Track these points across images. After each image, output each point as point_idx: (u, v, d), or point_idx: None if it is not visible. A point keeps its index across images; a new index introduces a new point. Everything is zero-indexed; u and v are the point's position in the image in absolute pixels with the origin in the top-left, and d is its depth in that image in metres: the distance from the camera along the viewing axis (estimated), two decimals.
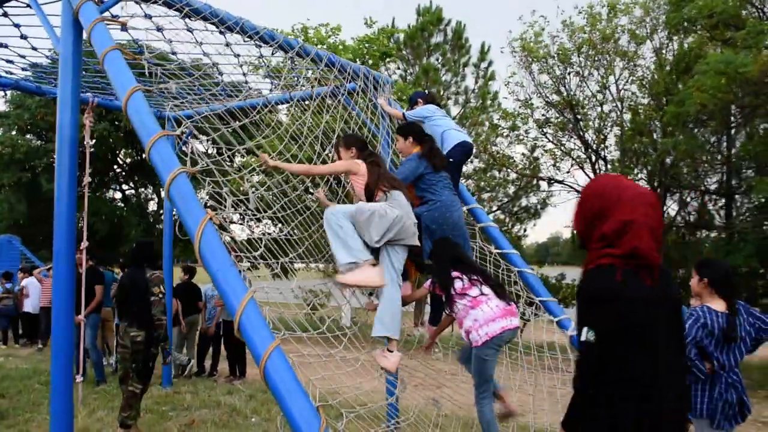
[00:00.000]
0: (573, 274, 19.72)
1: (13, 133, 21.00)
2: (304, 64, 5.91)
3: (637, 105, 14.12)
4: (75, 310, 6.93)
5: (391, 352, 3.99)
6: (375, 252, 4.01)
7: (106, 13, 4.21)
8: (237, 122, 5.02)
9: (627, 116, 14.45)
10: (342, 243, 3.90)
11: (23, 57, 5.97)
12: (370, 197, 4.17)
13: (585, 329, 2.05)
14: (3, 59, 6.09)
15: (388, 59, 17.79)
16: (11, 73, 6.62)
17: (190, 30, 5.12)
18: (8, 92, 21.64)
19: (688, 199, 15.94)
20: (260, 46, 5.49)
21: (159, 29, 4.98)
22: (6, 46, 5.62)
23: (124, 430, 5.92)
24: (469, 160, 5.46)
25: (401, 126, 5.36)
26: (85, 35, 3.92)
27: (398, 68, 20.55)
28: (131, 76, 3.60)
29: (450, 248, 4.45)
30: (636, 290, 2.00)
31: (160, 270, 6.27)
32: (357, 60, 15.77)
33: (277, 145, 5.89)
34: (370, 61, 16.52)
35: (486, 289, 4.24)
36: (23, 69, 6.50)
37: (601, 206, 2.13)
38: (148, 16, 4.76)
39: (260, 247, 3.99)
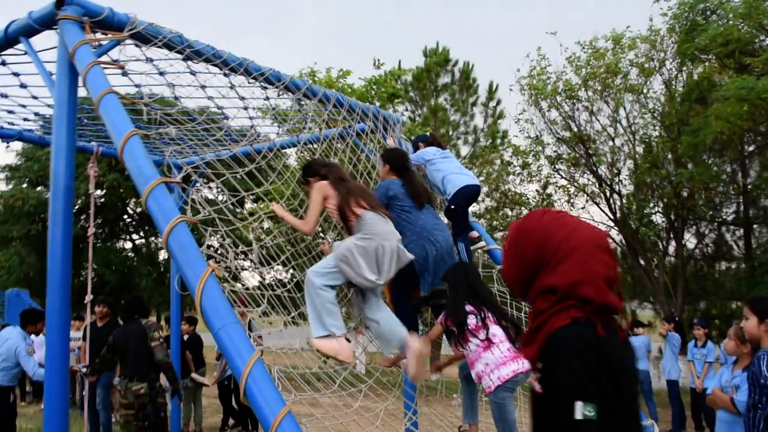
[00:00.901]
0: None
1: (24, 185, 21.08)
2: (311, 106, 5.72)
3: (650, 138, 13.91)
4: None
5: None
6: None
7: (105, 57, 4.03)
8: (243, 169, 4.81)
9: (640, 149, 14.22)
10: (317, 314, 3.64)
11: (24, 107, 5.82)
12: (344, 219, 3.90)
13: (579, 405, 1.51)
14: (4, 110, 5.95)
15: (396, 100, 17.77)
16: (14, 124, 6.48)
17: (192, 73, 4.95)
18: (20, 145, 21.85)
19: (706, 231, 15.62)
20: (266, 88, 5.32)
21: (161, 73, 4.81)
22: (6, 96, 5.47)
23: None
24: (475, 201, 5.21)
25: (385, 152, 5.13)
26: (80, 80, 3.73)
27: (406, 109, 20.56)
28: (128, 120, 3.39)
29: (466, 276, 4.12)
30: (617, 345, 1.61)
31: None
32: (364, 102, 15.76)
33: (284, 191, 5.66)
34: (378, 103, 16.49)
35: (496, 330, 3.92)
36: (25, 119, 6.35)
37: (545, 252, 1.69)
38: (149, 60, 4.58)
39: (269, 296, 3.74)
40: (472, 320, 3.89)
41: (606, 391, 1.52)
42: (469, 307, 3.93)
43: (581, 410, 1.51)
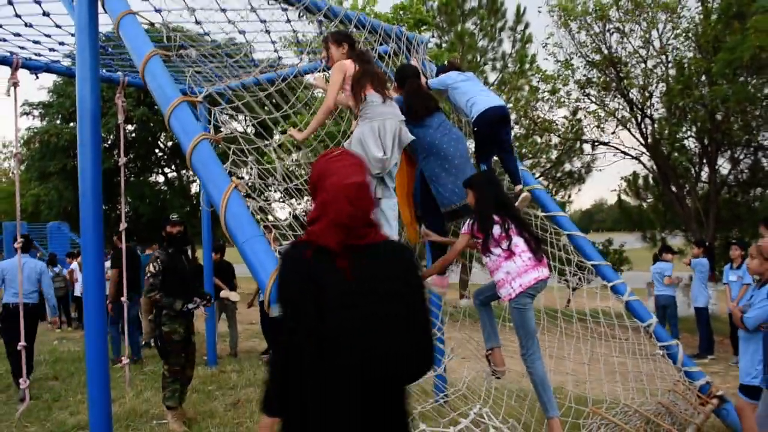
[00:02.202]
0: (620, 240, 19.21)
1: (57, 121, 21.42)
2: (331, 27, 5.64)
3: (682, 59, 13.38)
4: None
5: None
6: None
7: None
8: (265, 92, 4.82)
9: (672, 71, 13.71)
10: None
11: (48, 36, 5.86)
12: (355, 98, 3.98)
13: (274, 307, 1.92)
14: (30, 40, 6.00)
15: (423, 27, 17.36)
16: (40, 55, 6.55)
17: None
18: (51, 83, 22.06)
19: (741, 156, 15.18)
20: (286, 10, 5.26)
21: None
22: (31, 26, 5.51)
23: (169, 411, 5.88)
24: (504, 124, 5.07)
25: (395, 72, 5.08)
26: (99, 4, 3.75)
27: (433, 36, 20.10)
28: (148, 40, 3.43)
29: (494, 188, 4.17)
30: (320, 267, 1.89)
31: (160, 248, 6.13)
32: None
33: (306, 117, 5.67)
34: (406, 29, 16.14)
35: (518, 240, 3.98)
36: (51, 50, 6.41)
37: (311, 187, 2.07)
38: None
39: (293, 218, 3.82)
40: (497, 230, 3.95)
41: (298, 295, 1.81)
42: (495, 217, 3.98)
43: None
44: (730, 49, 10.38)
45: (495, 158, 5.46)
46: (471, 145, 5.25)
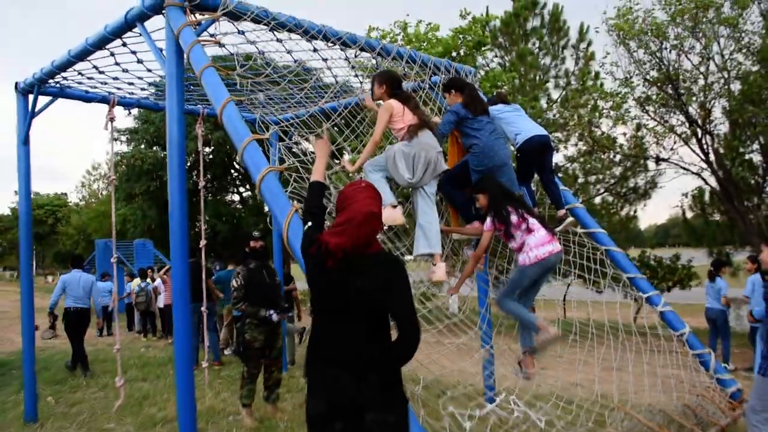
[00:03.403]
0: (687, 255, 18.89)
1: (142, 146, 23.01)
2: (385, 64, 6.27)
3: (746, 73, 13.27)
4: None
5: (435, 265, 4.61)
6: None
7: (204, 34, 4.77)
8: (330, 121, 5.47)
9: (734, 86, 13.61)
10: None
11: (141, 79, 6.75)
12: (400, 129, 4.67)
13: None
14: (126, 82, 6.90)
15: (483, 48, 17.79)
16: (133, 94, 7.47)
17: (279, 41, 5.62)
18: (136, 111, 23.73)
19: None
20: (344, 50, 5.92)
21: (251, 43, 5.51)
22: (127, 71, 6.39)
23: (244, 408, 6.58)
24: (546, 151, 5.61)
25: (443, 84, 5.69)
26: (185, 57, 4.49)
27: (495, 56, 20.49)
28: (224, 89, 4.13)
29: (497, 184, 4.82)
30: (317, 259, 2.82)
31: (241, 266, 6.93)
32: (451, 51, 15.96)
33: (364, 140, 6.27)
34: (465, 51, 16.62)
35: (533, 221, 4.67)
36: (142, 89, 7.31)
37: (340, 203, 2.88)
38: (240, 32, 5.29)
39: None
40: (513, 218, 4.63)
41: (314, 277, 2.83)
42: (509, 208, 4.65)
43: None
44: None
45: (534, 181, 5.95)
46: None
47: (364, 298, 2.72)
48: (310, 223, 2.99)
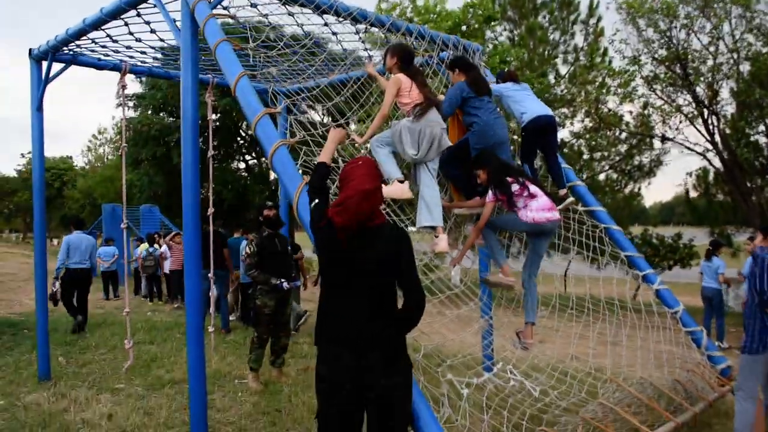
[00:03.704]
0: (691, 234, 19.06)
1: (149, 112, 23.05)
2: (394, 39, 6.34)
3: (756, 54, 13.26)
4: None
5: (438, 237, 4.74)
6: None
7: (219, 8, 4.85)
8: (340, 95, 5.58)
9: (743, 67, 13.63)
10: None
11: (154, 49, 6.84)
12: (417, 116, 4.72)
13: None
14: (138, 51, 6.99)
15: (493, 23, 17.74)
16: (144, 62, 7.56)
17: (291, 14, 5.70)
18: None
19: None
20: (355, 24, 5.99)
21: (264, 16, 5.59)
22: (140, 40, 6.47)
23: (251, 372, 6.81)
24: (550, 131, 5.74)
25: (449, 61, 5.73)
26: (200, 30, 4.59)
27: (505, 29, 20.41)
28: (238, 63, 4.23)
29: (496, 158, 4.95)
30: (329, 229, 2.99)
31: (252, 233, 7.13)
32: (461, 25, 15.93)
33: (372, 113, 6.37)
34: (475, 25, 16.59)
35: (534, 188, 4.82)
36: (154, 58, 7.39)
37: (341, 181, 3.09)
38: (253, 5, 5.37)
39: None
40: (515, 187, 4.78)
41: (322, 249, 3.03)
42: (509, 179, 4.80)
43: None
44: None
45: (537, 160, 6.07)
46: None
47: (369, 270, 2.88)
48: (317, 200, 3.16)
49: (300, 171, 3.97)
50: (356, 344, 2.85)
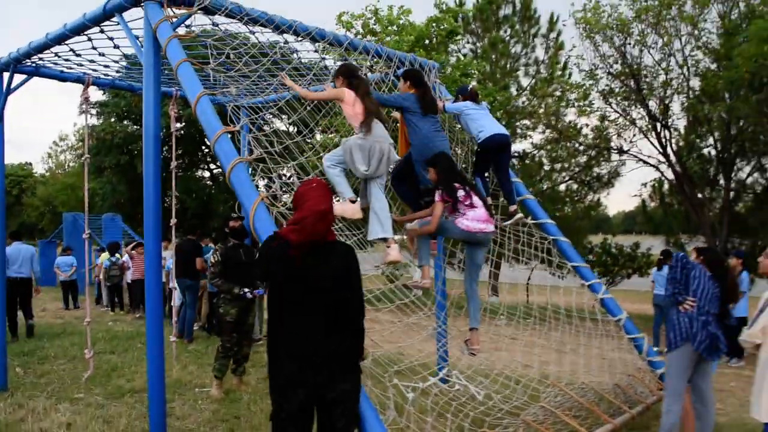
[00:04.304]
0: (649, 243, 19.68)
1: (112, 120, 22.90)
2: (353, 57, 6.57)
3: (706, 71, 13.86)
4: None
5: (389, 247, 4.96)
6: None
7: (181, 27, 5.00)
8: (297, 111, 5.78)
9: (694, 83, 14.22)
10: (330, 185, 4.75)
11: (116, 62, 6.96)
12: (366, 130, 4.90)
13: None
14: (101, 64, 7.09)
15: (456, 37, 18.11)
16: (107, 75, 7.66)
17: (252, 33, 5.88)
18: None
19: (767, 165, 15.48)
20: (314, 43, 6.20)
21: (225, 35, 5.77)
22: (103, 55, 6.59)
23: (215, 380, 6.93)
24: (505, 150, 6.05)
25: (403, 71, 5.94)
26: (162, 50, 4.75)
27: (468, 42, 20.81)
28: (198, 83, 4.41)
29: (449, 160, 5.21)
30: (277, 251, 3.12)
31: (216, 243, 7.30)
32: (424, 39, 16.25)
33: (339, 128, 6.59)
34: (438, 39, 16.92)
35: (476, 199, 5.06)
36: (117, 71, 7.50)
37: (294, 204, 3.27)
38: (215, 25, 5.54)
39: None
40: (461, 193, 5.02)
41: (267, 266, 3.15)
42: (457, 185, 5.03)
43: None
44: (732, 68, 10.92)
45: (488, 175, 6.36)
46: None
47: (324, 287, 3.06)
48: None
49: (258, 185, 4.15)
50: (313, 361, 3.00)
